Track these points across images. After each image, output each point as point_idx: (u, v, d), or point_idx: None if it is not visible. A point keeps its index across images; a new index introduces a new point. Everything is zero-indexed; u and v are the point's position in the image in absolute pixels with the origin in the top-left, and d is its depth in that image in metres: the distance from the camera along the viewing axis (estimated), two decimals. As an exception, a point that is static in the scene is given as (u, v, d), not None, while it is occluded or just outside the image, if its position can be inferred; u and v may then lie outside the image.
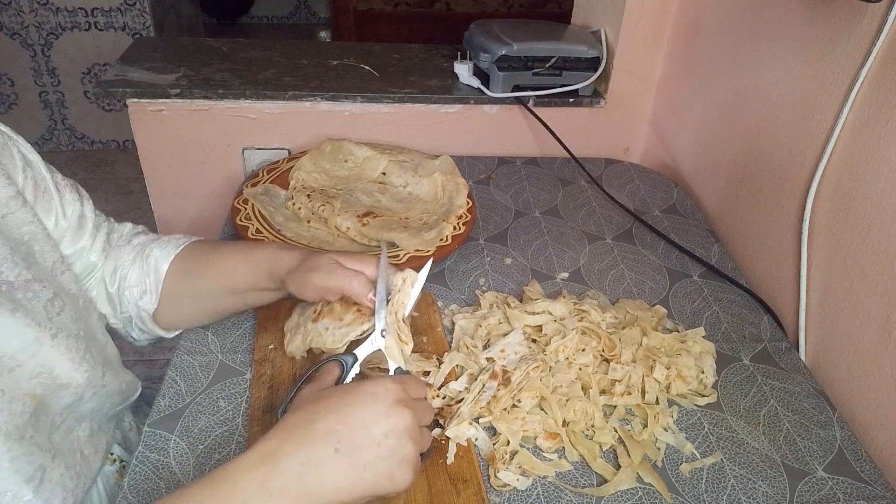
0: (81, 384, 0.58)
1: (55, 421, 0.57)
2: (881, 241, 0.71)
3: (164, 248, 0.71)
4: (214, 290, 0.70)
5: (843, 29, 0.76)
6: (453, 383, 0.68)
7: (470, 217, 0.93)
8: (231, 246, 0.72)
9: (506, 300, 0.81)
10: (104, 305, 0.71)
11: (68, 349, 0.57)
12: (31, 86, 2.64)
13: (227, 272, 0.69)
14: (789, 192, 0.87)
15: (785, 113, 0.88)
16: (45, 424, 0.55)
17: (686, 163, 1.17)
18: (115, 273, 0.70)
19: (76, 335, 0.58)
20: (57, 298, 0.57)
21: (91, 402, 0.60)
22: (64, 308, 0.58)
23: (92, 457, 0.61)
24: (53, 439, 0.56)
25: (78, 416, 0.60)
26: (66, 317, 0.58)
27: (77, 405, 0.59)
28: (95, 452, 0.62)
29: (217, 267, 0.70)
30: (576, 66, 1.20)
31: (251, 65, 1.24)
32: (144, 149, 1.19)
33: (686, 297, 0.87)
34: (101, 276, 0.70)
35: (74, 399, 0.58)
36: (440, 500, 0.57)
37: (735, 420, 0.69)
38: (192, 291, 0.71)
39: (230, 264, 0.69)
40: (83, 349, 0.58)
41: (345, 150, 1.05)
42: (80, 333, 0.59)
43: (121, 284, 0.70)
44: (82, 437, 0.60)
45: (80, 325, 0.60)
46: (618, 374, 0.70)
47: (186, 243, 0.72)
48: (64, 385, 0.57)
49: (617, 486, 0.61)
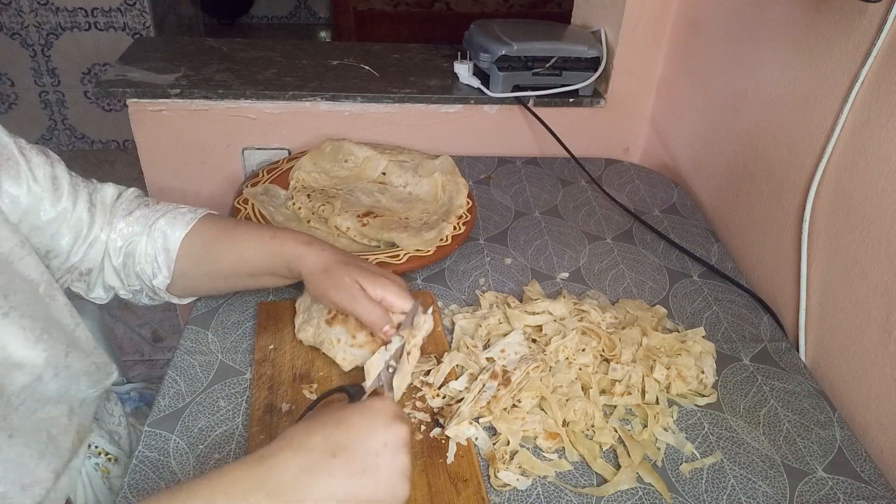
0: (39, 364, 0.57)
1: (12, 401, 0.55)
2: (881, 241, 0.71)
3: (172, 225, 0.70)
4: (229, 273, 0.70)
5: (843, 29, 0.76)
6: (453, 383, 0.68)
7: (470, 217, 0.93)
8: (248, 230, 0.71)
9: (506, 300, 0.81)
10: (112, 278, 0.70)
11: (22, 328, 0.55)
12: (31, 86, 2.64)
13: (243, 258, 0.69)
14: (789, 192, 0.87)
15: (785, 113, 0.88)
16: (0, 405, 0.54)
17: (686, 163, 1.17)
18: (119, 248, 0.69)
19: (31, 315, 0.57)
20: (11, 283, 0.56)
21: (54, 384, 0.59)
22: (18, 292, 0.57)
23: (61, 437, 0.59)
24: (11, 419, 0.54)
25: (41, 398, 0.58)
26: (19, 298, 0.56)
27: (37, 385, 0.57)
28: (65, 433, 0.60)
29: (232, 251, 0.69)
30: (576, 66, 1.20)
31: (251, 65, 1.24)
32: (144, 149, 1.19)
33: (686, 297, 0.87)
34: (102, 246, 0.68)
35: (32, 379, 0.56)
36: (440, 500, 0.57)
37: (735, 420, 0.69)
38: (205, 271, 0.70)
39: (247, 251, 0.69)
40: (39, 329, 0.57)
41: (345, 150, 1.05)
42: (37, 314, 0.58)
43: (127, 260, 0.69)
44: (46, 418, 0.58)
45: (38, 308, 0.58)
46: (618, 374, 0.70)
47: (195, 219, 0.71)
48: (18, 364, 0.55)
49: (617, 486, 0.61)
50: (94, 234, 0.68)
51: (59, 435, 0.59)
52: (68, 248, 0.66)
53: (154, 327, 1.96)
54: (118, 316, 1.99)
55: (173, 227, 0.70)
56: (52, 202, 0.64)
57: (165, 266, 0.69)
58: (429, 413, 0.66)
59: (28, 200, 0.62)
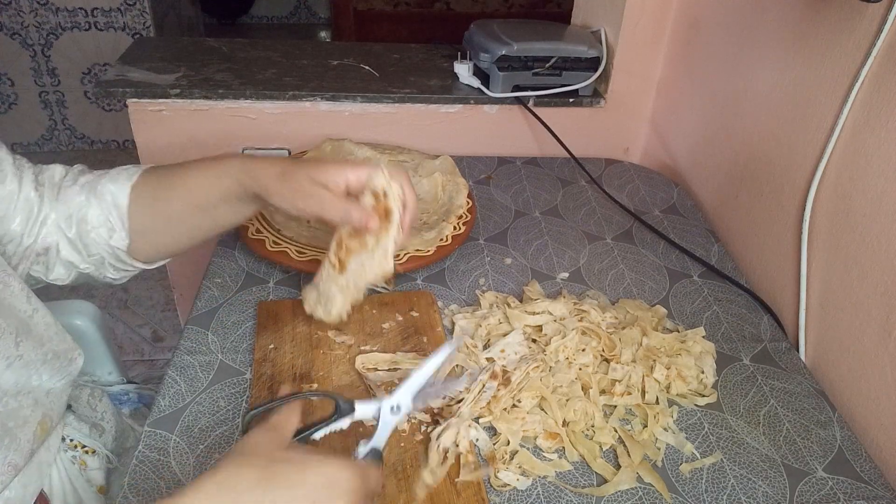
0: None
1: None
2: (881, 241, 0.71)
3: (116, 181, 0.67)
4: (183, 212, 0.67)
5: (843, 29, 0.76)
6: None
7: (470, 217, 0.93)
8: (192, 163, 0.68)
9: (506, 300, 0.81)
10: (69, 252, 0.67)
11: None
12: (31, 86, 2.64)
13: (192, 188, 0.66)
14: (789, 192, 0.87)
15: (785, 113, 0.88)
16: None
17: (686, 163, 1.17)
18: (70, 217, 0.67)
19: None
20: None
21: (9, 375, 0.57)
22: None
23: (19, 430, 0.58)
24: None
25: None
26: None
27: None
28: (24, 425, 0.59)
29: (180, 186, 0.67)
30: (576, 66, 1.20)
31: (251, 65, 1.24)
32: (144, 149, 1.19)
33: (686, 297, 0.87)
34: (54, 222, 0.66)
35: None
36: (440, 500, 0.57)
37: (735, 420, 0.69)
38: (160, 218, 0.68)
39: (195, 180, 0.66)
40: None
41: (345, 150, 1.05)
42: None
43: (80, 228, 0.67)
44: (3, 411, 0.57)
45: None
46: (618, 374, 0.70)
47: (139, 172, 0.69)
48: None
49: (617, 486, 0.61)
50: (45, 212, 0.66)
51: (17, 427, 0.58)
52: (21, 231, 0.64)
53: (154, 327, 1.96)
54: (118, 316, 1.99)
55: (117, 182, 0.67)
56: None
57: (119, 223, 0.67)
58: (429, 413, 0.66)
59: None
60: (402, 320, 0.77)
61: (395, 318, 0.77)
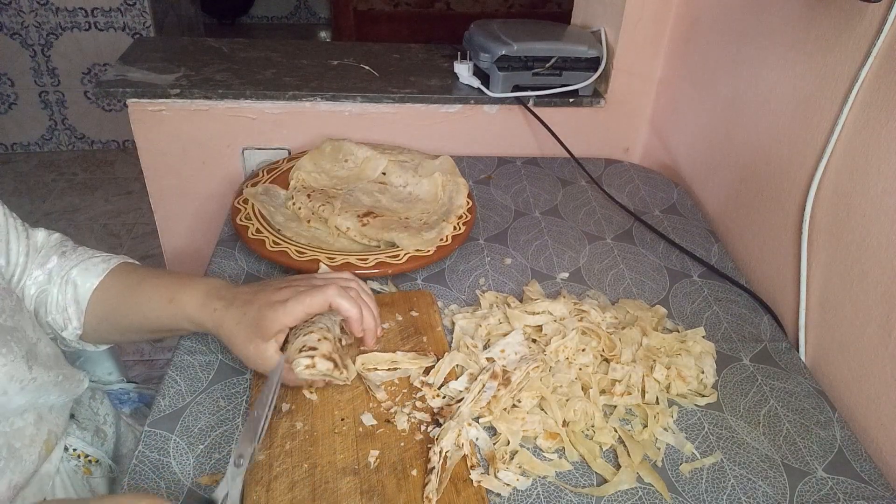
0: (2, 380, 0.55)
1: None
2: (881, 241, 0.71)
3: (84, 274, 0.68)
4: (137, 329, 0.69)
5: (843, 29, 0.76)
6: (453, 383, 0.68)
7: (470, 217, 0.93)
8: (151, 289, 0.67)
9: (506, 300, 0.81)
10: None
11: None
12: (31, 86, 2.64)
13: (147, 319, 0.67)
14: (789, 192, 0.87)
15: (785, 113, 0.88)
16: None
17: (686, 163, 1.17)
18: (32, 297, 0.68)
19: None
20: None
21: (21, 398, 0.58)
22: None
23: (25, 450, 0.58)
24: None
25: (4, 412, 0.57)
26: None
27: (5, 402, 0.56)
28: (31, 444, 0.59)
29: (136, 311, 0.67)
30: (576, 66, 1.20)
31: (251, 65, 1.24)
32: (144, 149, 1.19)
33: (686, 297, 0.87)
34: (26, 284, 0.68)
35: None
36: (440, 500, 0.57)
37: (735, 420, 0.69)
38: (114, 326, 0.69)
39: (150, 312, 0.67)
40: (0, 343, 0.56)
41: (345, 150, 1.05)
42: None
43: (39, 310, 0.68)
44: (10, 431, 0.57)
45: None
46: (618, 374, 0.70)
47: (107, 270, 0.69)
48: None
49: (617, 486, 0.61)
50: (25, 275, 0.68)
51: (23, 448, 0.58)
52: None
53: (154, 327, 1.95)
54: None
55: (84, 277, 0.68)
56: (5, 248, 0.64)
57: (76, 317, 0.68)
58: (429, 413, 0.66)
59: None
60: (402, 320, 0.77)
61: (394, 318, 0.77)
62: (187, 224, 1.28)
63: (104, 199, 2.57)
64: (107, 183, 2.67)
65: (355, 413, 0.65)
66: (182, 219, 1.28)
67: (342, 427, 0.64)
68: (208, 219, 1.28)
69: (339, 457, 0.61)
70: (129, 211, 2.51)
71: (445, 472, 0.59)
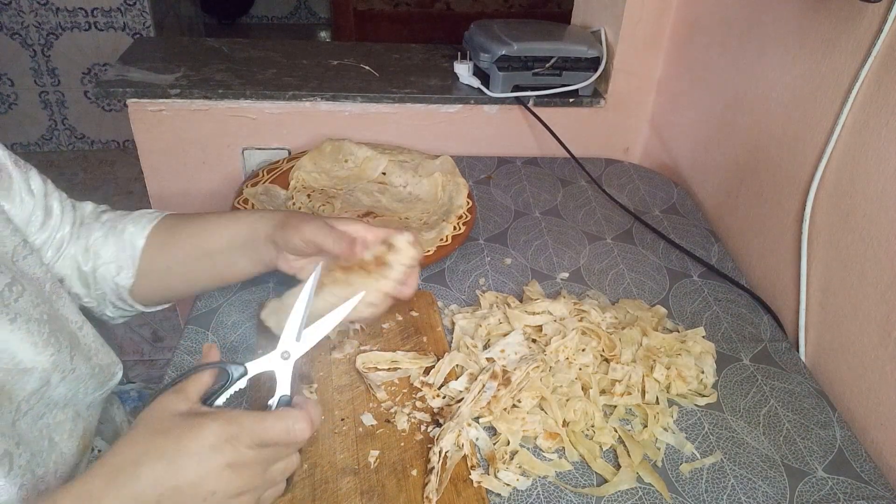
0: (47, 368, 0.56)
1: (21, 407, 0.55)
2: (881, 241, 0.71)
3: (137, 223, 0.70)
4: (190, 255, 0.69)
5: (843, 29, 0.76)
6: (453, 383, 0.68)
7: (470, 217, 0.93)
8: (209, 213, 0.72)
9: (506, 300, 0.81)
10: (77, 285, 0.70)
11: (29, 333, 0.55)
12: (31, 86, 2.64)
13: (203, 231, 0.69)
14: (789, 192, 0.87)
15: (785, 113, 0.88)
16: (9, 411, 0.53)
17: (686, 163, 1.17)
18: (87, 251, 0.69)
19: (38, 319, 0.57)
20: (15, 283, 0.56)
21: (62, 388, 0.59)
22: (23, 293, 0.56)
23: (64, 443, 0.59)
24: (18, 426, 0.54)
25: (48, 403, 0.58)
26: (26, 302, 0.56)
27: (45, 391, 0.57)
28: (69, 438, 0.60)
29: (194, 228, 0.69)
30: (576, 66, 1.20)
31: (251, 65, 1.24)
32: (144, 149, 1.19)
33: (686, 297, 0.87)
34: (72, 255, 0.69)
35: (41, 384, 0.56)
36: (440, 500, 0.57)
37: (735, 420, 0.69)
38: (168, 262, 0.70)
39: (208, 223, 0.69)
40: (46, 332, 0.57)
41: (345, 150, 1.05)
42: (43, 317, 0.57)
43: (95, 263, 0.69)
44: (52, 423, 0.58)
45: (43, 309, 0.58)
46: (618, 374, 0.70)
47: (160, 216, 0.71)
48: (27, 370, 0.55)
49: (617, 486, 0.61)
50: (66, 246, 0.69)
51: (62, 442, 0.59)
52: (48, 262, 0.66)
53: (154, 327, 1.96)
54: (118, 316, 1.99)
55: (138, 224, 0.70)
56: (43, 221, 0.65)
57: (130, 262, 0.69)
58: (429, 413, 0.66)
59: (21, 214, 0.62)
60: (402, 320, 0.77)
61: (395, 318, 0.77)
62: (187, 224, 1.28)
63: (104, 199, 2.55)
64: (107, 183, 2.66)
65: (355, 413, 0.65)
66: (182, 219, 1.28)
67: (342, 427, 0.64)
68: (208, 219, 1.28)
69: (339, 457, 0.61)
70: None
71: (445, 473, 0.59)
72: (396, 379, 0.70)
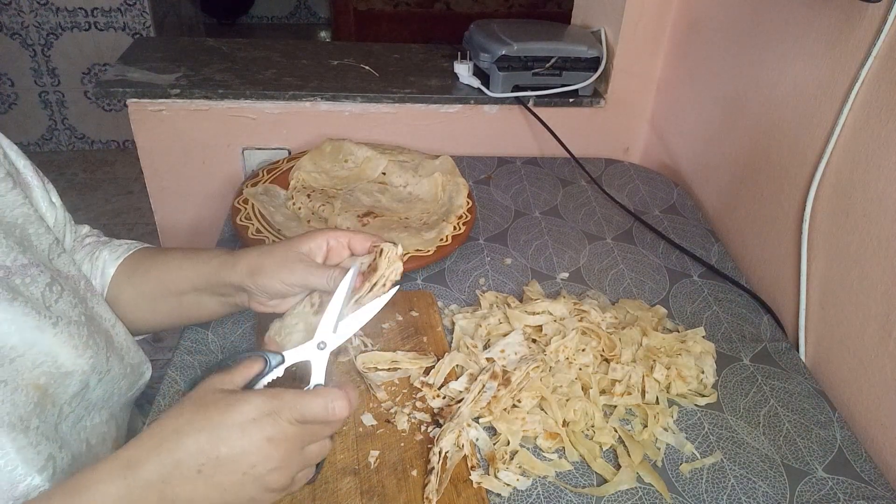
0: (87, 371, 0.57)
1: (63, 411, 0.55)
2: (881, 241, 0.71)
3: (114, 251, 0.70)
4: (155, 292, 0.69)
5: (843, 29, 0.76)
6: (453, 383, 0.68)
7: (470, 217, 0.93)
8: (178, 249, 0.70)
9: (506, 300, 0.81)
10: None
11: (70, 336, 0.56)
12: (31, 86, 2.64)
13: (168, 271, 0.68)
14: (789, 191, 0.87)
15: (785, 113, 0.88)
16: (52, 414, 0.54)
17: (686, 163, 1.17)
18: None
19: (77, 321, 0.57)
20: (55, 283, 0.56)
21: (98, 390, 0.59)
22: (62, 293, 0.57)
23: (99, 446, 0.60)
24: (60, 429, 0.55)
25: (87, 406, 0.58)
26: (65, 303, 0.57)
27: (85, 393, 0.58)
28: (103, 442, 0.60)
29: (160, 267, 0.69)
30: (576, 66, 1.20)
31: (251, 65, 1.24)
32: (144, 149, 1.19)
33: (686, 297, 0.87)
34: None
35: (81, 387, 0.57)
36: (440, 500, 0.57)
37: (735, 420, 0.69)
38: (133, 295, 0.69)
39: (173, 262, 0.68)
40: (85, 335, 0.57)
41: (345, 150, 1.05)
42: (81, 319, 0.58)
43: None
44: (89, 426, 0.59)
45: (81, 310, 0.58)
46: (618, 374, 0.70)
47: (137, 248, 0.71)
48: (69, 373, 0.55)
49: (617, 486, 0.61)
50: None
51: (98, 445, 0.59)
52: None
53: (154, 327, 1.95)
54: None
55: (114, 253, 0.70)
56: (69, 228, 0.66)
57: (100, 289, 0.68)
58: (429, 413, 0.66)
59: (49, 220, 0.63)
60: (402, 320, 0.77)
61: (395, 318, 0.77)
62: (187, 224, 1.28)
63: (104, 199, 2.57)
64: (107, 183, 2.66)
65: (355, 413, 0.65)
66: (182, 219, 1.28)
67: (342, 427, 0.64)
68: (208, 219, 1.28)
69: (339, 457, 0.61)
70: (129, 211, 2.50)
71: (446, 473, 0.59)
72: (396, 379, 0.70)
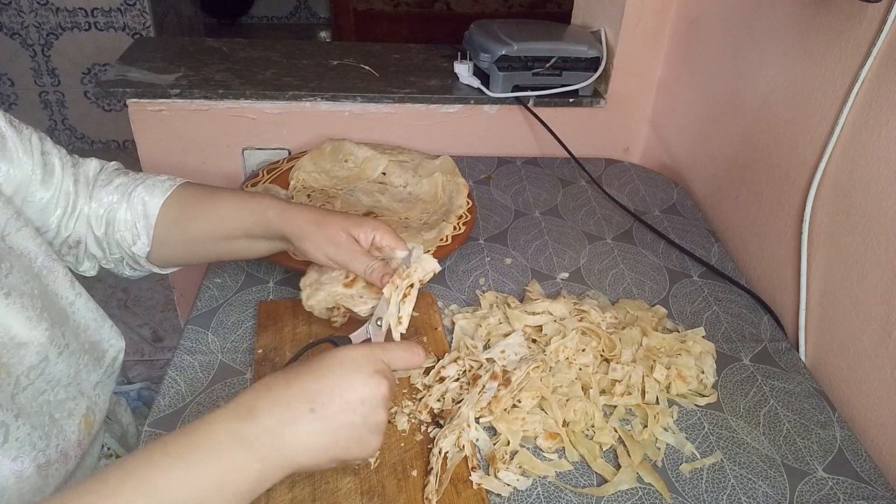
0: (44, 343, 0.57)
1: (21, 381, 0.55)
2: (881, 241, 0.71)
3: (150, 190, 0.70)
4: (205, 237, 0.70)
5: (843, 29, 0.76)
6: (444, 370, 0.69)
7: (470, 217, 0.93)
8: (226, 192, 0.72)
9: (506, 300, 0.81)
10: (94, 248, 0.71)
11: (24, 307, 0.55)
12: (31, 86, 2.64)
13: (220, 218, 0.69)
14: (789, 191, 0.87)
15: (785, 113, 0.88)
16: (8, 384, 0.54)
17: (686, 163, 1.17)
18: (100, 217, 0.69)
19: (30, 294, 0.57)
20: (3, 261, 0.56)
21: (60, 364, 0.59)
22: (12, 269, 0.56)
23: (64, 420, 0.59)
24: (18, 399, 0.54)
25: (50, 380, 0.58)
26: (16, 278, 0.56)
27: (45, 366, 0.57)
28: (69, 416, 0.60)
29: (209, 212, 0.70)
30: (576, 66, 1.20)
31: (251, 65, 1.24)
32: (144, 149, 1.19)
33: (686, 297, 0.87)
34: (86, 216, 0.69)
35: (39, 359, 0.57)
36: (440, 500, 0.57)
37: (735, 420, 0.69)
38: (183, 237, 0.70)
39: (224, 210, 0.69)
40: (40, 307, 0.57)
41: (345, 150, 1.05)
42: (35, 292, 0.57)
43: (108, 229, 0.70)
44: (53, 401, 0.58)
45: (34, 285, 0.58)
46: (618, 374, 0.70)
47: (174, 186, 0.71)
48: (23, 344, 0.55)
49: (617, 486, 0.61)
50: (80, 206, 0.69)
51: (63, 419, 0.59)
52: (57, 223, 0.67)
53: (154, 327, 1.96)
54: (118, 316, 1.99)
55: (152, 193, 0.70)
56: (43, 178, 0.65)
57: (145, 232, 0.70)
58: (429, 413, 0.66)
59: (20, 175, 0.62)
60: (402, 320, 0.77)
61: (395, 318, 0.77)
62: (187, 224, 1.28)
63: (104, 199, 2.57)
64: (107, 183, 2.67)
65: (355, 413, 0.65)
66: (182, 219, 1.28)
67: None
68: (208, 219, 1.28)
69: (339, 457, 0.61)
70: (129, 211, 2.51)
71: (446, 473, 0.59)
72: (396, 379, 0.70)
